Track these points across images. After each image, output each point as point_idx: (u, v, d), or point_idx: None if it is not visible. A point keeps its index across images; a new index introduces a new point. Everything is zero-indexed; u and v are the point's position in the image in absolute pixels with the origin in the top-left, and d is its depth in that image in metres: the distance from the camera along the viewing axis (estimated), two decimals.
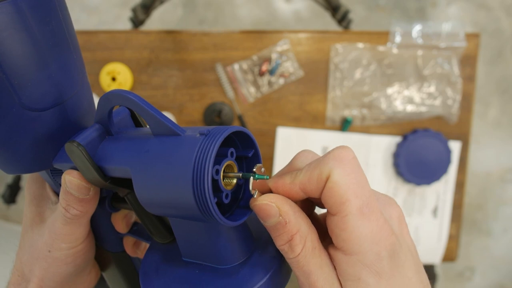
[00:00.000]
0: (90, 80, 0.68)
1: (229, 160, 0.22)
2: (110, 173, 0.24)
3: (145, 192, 0.22)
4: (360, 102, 0.69)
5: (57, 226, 0.28)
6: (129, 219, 0.31)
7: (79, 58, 0.26)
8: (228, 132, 0.21)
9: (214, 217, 0.20)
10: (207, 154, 0.19)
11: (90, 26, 1.44)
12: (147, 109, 0.22)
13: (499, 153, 1.47)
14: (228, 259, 0.24)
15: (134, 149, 0.23)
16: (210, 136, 0.20)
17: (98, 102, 0.24)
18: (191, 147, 0.20)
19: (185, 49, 0.68)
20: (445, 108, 0.70)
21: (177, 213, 0.22)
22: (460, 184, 0.73)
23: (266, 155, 0.70)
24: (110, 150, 0.24)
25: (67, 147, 0.24)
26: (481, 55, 1.41)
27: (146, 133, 0.24)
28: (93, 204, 0.27)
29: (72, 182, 0.25)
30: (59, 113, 0.25)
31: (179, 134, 0.22)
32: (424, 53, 0.68)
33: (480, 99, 1.45)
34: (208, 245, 0.24)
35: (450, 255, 0.74)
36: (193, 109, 0.69)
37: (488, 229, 1.48)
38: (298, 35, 0.68)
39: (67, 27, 0.24)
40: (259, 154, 0.23)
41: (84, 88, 0.27)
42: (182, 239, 0.25)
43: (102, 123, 0.25)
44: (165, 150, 0.21)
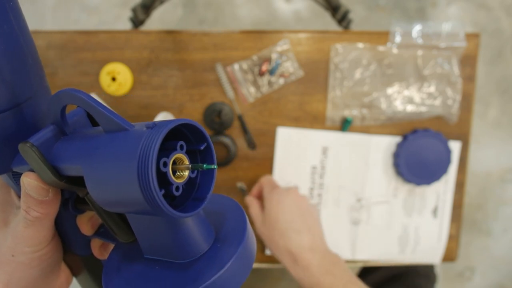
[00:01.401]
0: (90, 80, 0.68)
1: (178, 153, 0.22)
2: (65, 172, 0.24)
3: (96, 189, 0.22)
4: (360, 102, 0.69)
5: (19, 229, 0.27)
6: (94, 221, 0.31)
7: (36, 62, 0.26)
8: (173, 125, 0.20)
9: (162, 209, 0.20)
10: (151, 146, 0.19)
11: (90, 26, 1.44)
12: (95, 106, 0.22)
13: (499, 153, 1.47)
14: (187, 253, 0.24)
15: (85, 147, 0.23)
16: (156, 128, 0.20)
17: (48, 102, 0.24)
18: (136, 140, 0.20)
19: (185, 49, 0.68)
20: (445, 108, 0.70)
21: (130, 209, 0.22)
22: (460, 184, 0.73)
23: (266, 155, 0.70)
24: (63, 149, 0.24)
25: (21, 147, 0.24)
26: (481, 55, 1.41)
27: (98, 131, 0.24)
28: (54, 205, 0.27)
29: (30, 183, 0.25)
30: (15, 116, 0.24)
31: (127, 129, 0.22)
32: (424, 53, 0.68)
33: (480, 99, 1.45)
34: (166, 240, 0.24)
35: (450, 255, 0.74)
36: (193, 109, 0.69)
37: (488, 229, 1.48)
38: (298, 35, 0.68)
39: (20, 31, 0.24)
40: (211, 147, 0.23)
41: (42, 91, 0.26)
42: (141, 236, 0.25)
43: (57, 124, 0.25)
44: (113, 145, 0.21)
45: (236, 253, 0.23)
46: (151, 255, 0.25)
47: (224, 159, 0.69)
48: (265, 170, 0.70)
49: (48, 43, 0.67)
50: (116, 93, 0.67)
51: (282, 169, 0.70)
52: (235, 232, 0.25)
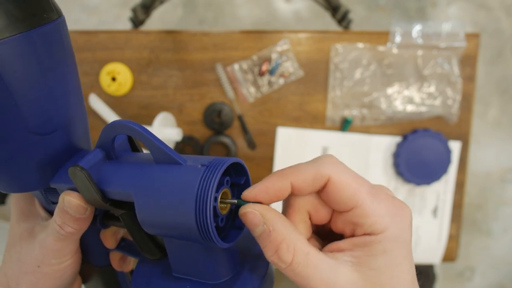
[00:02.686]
0: (90, 80, 0.68)
1: (225, 187, 0.24)
2: (110, 195, 0.26)
3: (147, 215, 0.23)
4: (360, 102, 0.69)
5: (49, 242, 0.28)
6: (117, 235, 0.32)
7: (78, 85, 0.27)
8: (227, 164, 0.23)
9: (214, 241, 0.22)
10: (209, 185, 0.21)
11: (90, 26, 1.43)
12: (150, 139, 0.24)
13: (499, 153, 1.47)
14: (218, 275, 0.25)
15: (137, 175, 0.24)
16: (211, 167, 0.22)
17: (102, 130, 0.26)
18: (194, 178, 0.22)
19: (185, 49, 0.68)
20: (445, 108, 0.70)
21: (176, 235, 0.24)
22: (460, 184, 0.73)
23: (266, 155, 0.70)
24: (112, 174, 0.26)
25: (71, 171, 0.25)
26: (481, 55, 1.41)
27: (147, 159, 0.25)
28: (88, 222, 0.28)
29: (71, 202, 0.26)
30: (59, 137, 0.26)
31: (181, 163, 0.23)
32: (424, 53, 0.68)
33: (480, 99, 1.45)
34: (199, 262, 0.25)
35: (450, 255, 0.74)
36: (193, 109, 0.69)
37: (488, 229, 1.48)
38: (298, 35, 0.68)
39: (71, 56, 0.26)
40: (249, 180, 0.25)
41: (81, 112, 0.28)
42: (174, 256, 0.26)
43: (104, 148, 0.27)
44: (169, 178, 0.23)
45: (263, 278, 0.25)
46: (180, 274, 0.27)
47: None
48: (265, 170, 0.70)
49: None
50: (116, 93, 0.67)
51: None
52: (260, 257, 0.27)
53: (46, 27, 0.22)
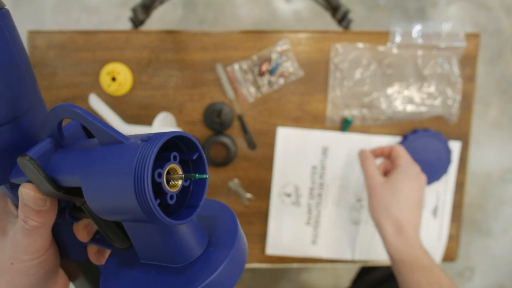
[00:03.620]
0: (90, 80, 0.68)
1: (172, 163, 0.23)
2: (62, 183, 0.25)
3: (94, 199, 0.23)
4: (360, 102, 0.69)
5: (17, 238, 0.28)
6: (90, 227, 0.32)
7: (31, 76, 0.26)
8: (167, 137, 0.21)
9: (158, 217, 0.21)
10: (147, 158, 0.20)
11: (90, 26, 1.43)
12: (91, 121, 0.23)
13: (499, 153, 1.47)
14: (181, 257, 0.25)
15: (82, 159, 0.24)
16: (150, 141, 0.21)
17: (46, 116, 0.25)
18: (132, 153, 0.21)
19: (185, 49, 0.68)
20: (445, 108, 0.70)
21: (127, 217, 0.23)
22: (460, 184, 0.72)
23: (266, 155, 0.70)
24: (61, 161, 0.25)
25: (19, 161, 0.25)
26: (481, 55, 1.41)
27: (94, 144, 0.25)
28: (51, 214, 0.28)
29: (28, 194, 0.26)
30: (12, 129, 0.25)
31: (122, 142, 0.23)
32: (424, 53, 0.68)
33: (480, 99, 1.45)
34: (161, 245, 0.25)
35: (450, 255, 0.74)
36: (193, 109, 0.69)
37: (488, 229, 1.48)
38: (298, 35, 0.68)
39: (16, 47, 0.25)
40: (203, 156, 0.24)
41: (37, 104, 0.27)
42: (137, 242, 0.26)
43: (54, 137, 0.26)
44: (109, 157, 0.22)
45: (228, 256, 0.24)
46: (147, 260, 0.26)
47: (224, 159, 0.69)
48: (265, 170, 0.70)
49: (48, 43, 0.67)
50: (116, 93, 0.67)
51: (282, 169, 0.70)
52: (226, 236, 0.26)
53: None
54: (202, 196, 0.24)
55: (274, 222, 0.71)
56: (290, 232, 0.72)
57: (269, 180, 0.71)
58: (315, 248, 0.72)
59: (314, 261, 0.73)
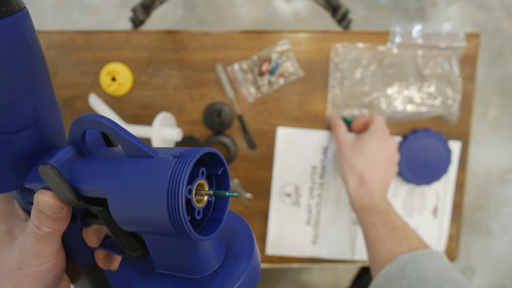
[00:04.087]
0: (90, 80, 0.68)
1: (200, 179, 0.23)
2: (84, 193, 0.25)
3: (120, 211, 0.23)
4: (360, 102, 0.69)
5: (28, 243, 0.28)
6: (100, 233, 0.32)
7: (47, 81, 0.26)
8: (200, 155, 0.22)
9: (189, 234, 0.21)
10: (181, 176, 0.20)
11: (90, 26, 1.43)
12: (120, 133, 0.23)
13: (499, 153, 1.47)
14: (200, 269, 0.25)
15: (108, 170, 0.24)
16: (183, 158, 0.21)
17: (70, 125, 0.25)
18: (165, 169, 0.21)
19: (185, 49, 0.68)
20: (445, 108, 0.70)
21: (152, 230, 0.23)
22: (460, 184, 0.72)
23: (266, 155, 0.70)
24: (84, 171, 0.25)
25: (41, 169, 0.24)
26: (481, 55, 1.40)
27: (119, 154, 0.24)
28: (65, 222, 0.28)
29: (45, 201, 0.26)
30: (29, 135, 0.25)
31: (152, 156, 0.22)
32: (424, 53, 0.68)
33: (480, 99, 1.45)
34: (181, 257, 0.25)
35: (450, 255, 0.74)
36: (193, 109, 0.69)
37: (488, 229, 1.48)
38: (298, 35, 0.68)
39: (36, 52, 0.24)
40: (227, 171, 0.24)
41: (53, 110, 0.27)
42: (156, 252, 0.26)
43: (75, 144, 0.26)
44: (139, 171, 0.22)
45: (247, 269, 0.25)
46: (163, 270, 0.26)
47: None
48: (265, 170, 0.70)
49: (48, 43, 0.67)
50: (116, 93, 0.67)
51: (282, 169, 0.70)
52: (244, 248, 0.27)
53: (4, 20, 0.21)
54: (225, 211, 0.24)
55: (274, 222, 0.71)
56: (290, 232, 0.72)
57: (269, 180, 0.71)
58: (315, 248, 0.72)
59: (314, 261, 0.73)
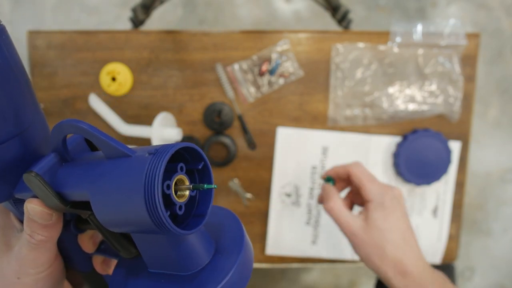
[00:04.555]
0: (90, 80, 0.68)
1: (179, 174, 0.23)
2: (69, 197, 0.25)
3: (103, 212, 0.23)
4: (362, 102, 0.69)
5: (23, 252, 0.28)
6: (95, 238, 0.32)
7: (29, 92, 0.26)
8: (174, 150, 0.22)
9: (169, 229, 0.21)
10: (156, 172, 0.21)
11: (90, 26, 1.43)
12: (97, 135, 0.23)
13: (499, 153, 1.47)
14: (190, 265, 0.25)
15: (90, 174, 0.24)
16: (158, 154, 0.21)
17: (51, 132, 0.25)
18: (140, 167, 0.21)
19: (185, 49, 0.68)
20: (447, 106, 0.70)
21: (136, 229, 0.23)
22: (460, 184, 0.72)
23: (266, 155, 0.70)
24: (67, 176, 0.25)
25: (25, 177, 0.25)
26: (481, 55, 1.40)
27: (100, 157, 0.25)
28: (57, 228, 0.28)
29: (34, 209, 0.26)
30: (15, 145, 0.25)
31: (130, 155, 0.23)
32: (425, 52, 0.68)
33: (480, 99, 1.45)
34: (170, 254, 0.25)
35: (450, 255, 0.74)
36: (193, 109, 0.69)
37: (488, 229, 1.48)
38: (298, 35, 0.68)
39: (15, 63, 0.25)
40: (208, 165, 0.25)
41: (38, 120, 0.27)
42: (145, 252, 0.26)
43: (58, 151, 0.26)
44: (117, 171, 0.23)
45: (236, 263, 0.25)
46: (155, 269, 0.26)
47: (224, 159, 0.69)
48: (265, 170, 0.70)
49: (48, 43, 0.67)
50: (116, 93, 0.67)
51: (282, 169, 0.70)
52: (233, 243, 0.27)
53: None
54: (209, 205, 0.24)
55: (274, 222, 0.71)
56: (290, 232, 0.72)
57: (269, 180, 0.71)
58: (315, 248, 0.72)
59: (314, 261, 0.73)
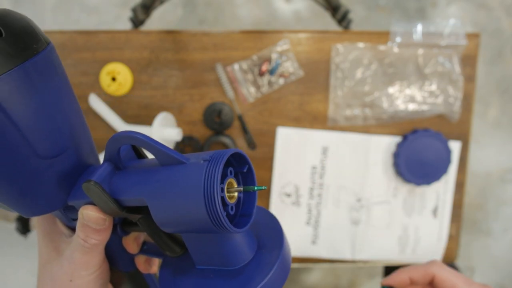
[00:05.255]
0: (90, 80, 0.68)
1: (230, 178, 0.26)
2: (125, 203, 0.27)
3: (162, 216, 0.25)
4: (362, 102, 0.69)
5: (76, 256, 0.30)
6: (139, 240, 0.35)
7: (77, 105, 0.29)
8: (227, 156, 0.24)
9: (227, 228, 0.23)
10: (214, 177, 0.23)
11: (90, 26, 1.43)
12: (153, 145, 0.25)
13: (499, 153, 1.47)
14: (236, 260, 0.27)
15: (146, 180, 0.26)
16: (213, 161, 0.24)
17: (106, 144, 0.27)
18: (198, 173, 0.24)
19: (185, 49, 0.68)
20: (447, 106, 0.70)
21: (191, 229, 0.25)
22: (460, 184, 0.72)
23: (266, 155, 0.70)
24: (123, 183, 0.28)
25: (85, 186, 0.27)
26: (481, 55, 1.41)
27: (153, 165, 0.27)
28: (108, 232, 0.30)
29: (90, 215, 0.28)
30: (68, 157, 0.28)
31: (184, 162, 0.25)
32: (425, 52, 0.68)
33: (480, 99, 1.45)
34: (218, 251, 0.27)
35: (450, 255, 0.74)
36: (193, 109, 0.69)
37: (488, 229, 1.48)
38: (298, 35, 0.68)
39: (66, 80, 0.28)
40: (252, 168, 0.27)
41: (85, 131, 0.30)
42: (195, 250, 0.28)
43: (112, 160, 0.29)
44: (175, 177, 0.25)
45: (280, 257, 0.27)
46: (203, 265, 0.29)
47: None
48: (265, 170, 0.70)
49: None
50: (116, 93, 0.67)
51: (282, 169, 0.70)
52: (274, 238, 0.29)
53: (37, 57, 0.24)
54: (254, 205, 0.27)
55: None
56: (290, 232, 0.72)
57: (269, 180, 0.71)
58: (315, 248, 0.72)
59: (314, 261, 0.73)
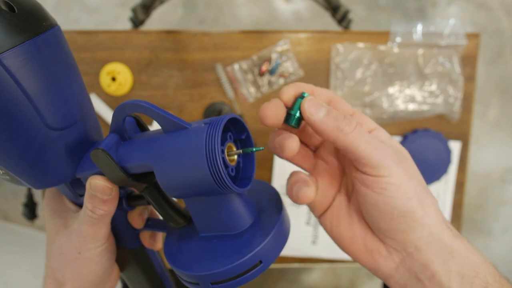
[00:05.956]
0: (90, 80, 0.68)
1: (229, 142, 0.27)
2: (131, 170, 0.29)
3: (168, 179, 0.26)
4: (362, 102, 0.69)
5: (84, 228, 0.31)
6: (144, 215, 0.35)
7: (82, 82, 0.31)
8: (227, 119, 0.26)
9: (229, 186, 0.25)
10: (214, 137, 0.24)
11: (90, 26, 1.43)
12: (158, 112, 0.27)
13: (499, 153, 1.47)
14: (238, 225, 0.29)
15: (151, 146, 0.27)
16: (213, 123, 0.25)
17: (113, 113, 0.29)
18: (200, 134, 0.25)
19: (185, 49, 0.68)
20: (447, 106, 0.70)
21: (195, 191, 0.26)
22: (460, 184, 0.72)
23: (266, 155, 0.70)
24: (129, 151, 0.29)
25: (93, 153, 0.28)
26: (481, 55, 1.41)
27: (157, 133, 0.28)
28: (115, 203, 0.31)
29: (97, 184, 0.29)
30: (77, 129, 0.29)
31: (187, 127, 0.26)
32: (425, 52, 0.68)
33: (480, 99, 1.45)
34: (220, 216, 0.28)
35: None
36: (193, 109, 0.69)
37: (488, 229, 1.48)
38: (298, 35, 0.68)
39: (72, 58, 0.29)
40: (250, 136, 0.29)
41: (90, 106, 0.32)
42: (198, 216, 0.30)
43: (117, 132, 0.30)
44: (178, 140, 0.26)
45: (279, 219, 0.29)
46: (206, 232, 0.30)
47: None
48: (265, 170, 0.70)
49: None
50: (116, 93, 0.67)
51: (282, 169, 0.70)
52: (272, 202, 0.31)
53: (47, 33, 0.26)
54: (253, 168, 0.29)
55: None
56: (290, 232, 0.72)
57: (269, 180, 0.71)
58: (315, 248, 0.72)
59: (314, 261, 0.73)
